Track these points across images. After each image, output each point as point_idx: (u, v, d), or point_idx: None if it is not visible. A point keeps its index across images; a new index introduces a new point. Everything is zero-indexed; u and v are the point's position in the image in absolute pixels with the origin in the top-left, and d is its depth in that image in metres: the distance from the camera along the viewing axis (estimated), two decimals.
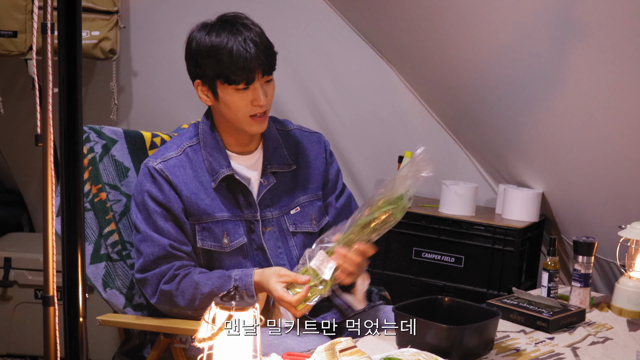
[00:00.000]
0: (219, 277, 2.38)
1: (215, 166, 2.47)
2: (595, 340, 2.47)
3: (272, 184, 2.53)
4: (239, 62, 2.33)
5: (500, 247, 3.70)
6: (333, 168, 2.71)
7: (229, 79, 2.36)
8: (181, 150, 2.49)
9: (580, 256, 2.74)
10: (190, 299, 2.38)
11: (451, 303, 2.37)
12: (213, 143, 2.49)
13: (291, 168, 2.58)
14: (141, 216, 2.44)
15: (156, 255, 2.41)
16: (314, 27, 4.14)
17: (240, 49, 2.33)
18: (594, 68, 2.90)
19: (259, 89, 2.38)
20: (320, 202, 2.64)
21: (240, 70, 2.34)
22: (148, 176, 2.45)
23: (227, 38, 2.36)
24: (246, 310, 1.78)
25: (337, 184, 2.72)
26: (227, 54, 2.34)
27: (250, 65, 2.34)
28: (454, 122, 4.10)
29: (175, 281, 2.39)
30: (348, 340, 2.07)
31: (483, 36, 3.26)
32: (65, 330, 1.73)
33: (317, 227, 2.61)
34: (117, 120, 4.19)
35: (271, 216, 2.53)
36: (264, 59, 2.36)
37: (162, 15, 4.17)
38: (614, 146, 3.13)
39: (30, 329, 3.94)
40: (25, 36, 3.70)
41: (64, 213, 1.71)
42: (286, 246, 2.54)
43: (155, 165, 2.45)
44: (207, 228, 2.45)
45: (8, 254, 3.96)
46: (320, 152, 2.66)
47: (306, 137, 2.67)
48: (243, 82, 2.36)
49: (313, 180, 2.62)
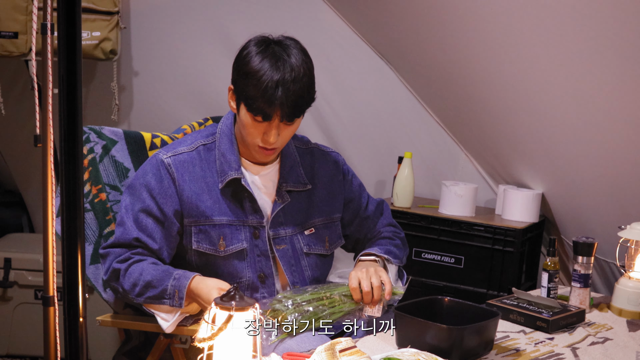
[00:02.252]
0: (162, 271, 2.38)
1: (225, 168, 2.47)
2: (595, 341, 2.47)
3: (287, 202, 2.54)
4: (263, 98, 2.32)
5: (500, 248, 3.70)
6: (354, 185, 2.75)
7: (250, 106, 2.36)
8: (194, 147, 2.50)
9: (580, 257, 2.74)
10: (133, 282, 2.38)
11: (451, 303, 2.37)
12: (228, 145, 2.50)
13: (306, 187, 2.59)
14: (129, 200, 2.46)
15: (121, 241, 2.43)
16: (313, 27, 4.14)
17: (269, 87, 2.31)
18: (594, 69, 2.90)
19: (274, 128, 2.38)
20: (335, 224, 2.66)
21: (261, 105, 2.33)
22: (154, 167, 2.45)
23: (266, 69, 2.33)
24: (246, 310, 1.79)
25: (362, 198, 2.76)
26: (257, 86, 2.32)
27: (271, 107, 2.33)
28: (454, 122, 4.10)
29: (127, 262, 2.41)
30: (348, 340, 2.07)
31: (482, 37, 3.26)
32: (65, 331, 1.74)
33: (330, 250, 2.64)
34: (118, 120, 4.20)
35: (284, 234, 2.54)
36: (287, 107, 2.33)
37: (163, 15, 4.17)
38: (614, 147, 3.13)
39: (30, 330, 3.94)
40: (26, 37, 3.70)
41: (64, 214, 1.72)
42: (298, 265, 2.54)
43: (165, 158, 2.45)
44: (204, 231, 2.45)
45: (8, 255, 3.96)
46: (336, 173, 2.69)
47: (323, 156, 2.70)
48: (259, 116, 2.35)
49: (328, 203, 2.65)
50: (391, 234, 2.76)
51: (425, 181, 4.23)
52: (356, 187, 2.75)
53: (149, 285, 2.35)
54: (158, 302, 2.37)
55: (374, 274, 2.41)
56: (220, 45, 4.17)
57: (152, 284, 2.35)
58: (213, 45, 4.19)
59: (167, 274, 2.36)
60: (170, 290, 2.33)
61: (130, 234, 2.42)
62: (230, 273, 2.46)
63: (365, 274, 2.41)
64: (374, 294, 2.38)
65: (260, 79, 2.31)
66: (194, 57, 4.25)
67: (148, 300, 2.38)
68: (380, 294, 2.38)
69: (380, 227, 2.76)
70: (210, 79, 4.24)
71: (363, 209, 2.75)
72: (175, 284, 2.33)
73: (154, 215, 2.43)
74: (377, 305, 2.39)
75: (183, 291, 2.32)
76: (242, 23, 4.14)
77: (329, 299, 2.35)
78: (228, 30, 4.16)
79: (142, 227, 2.42)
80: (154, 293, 2.36)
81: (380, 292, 2.38)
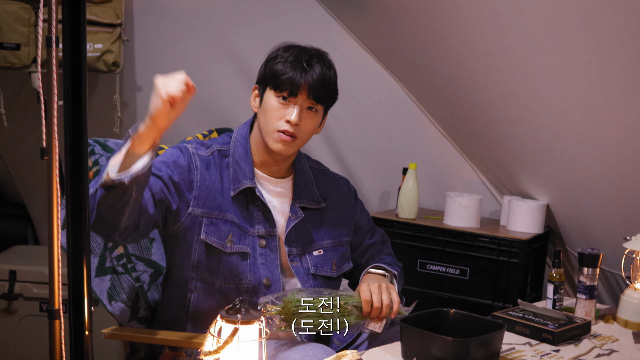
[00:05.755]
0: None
1: (240, 176, 2.48)
2: (601, 353, 2.46)
3: (301, 218, 2.55)
4: (293, 70, 2.41)
5: (505, 259, 3.70)
6: (364, 212, 2.78)
7: (275, 83, 2.42)
8: (210, 152, 2.51)
9: (585, 268, 2.74)
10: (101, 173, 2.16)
11: (456, 315, 2.37)
12: (243, 154, 2.51)
13: (320, 205, 2.61)
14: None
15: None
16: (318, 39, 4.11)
17: (299, 61, 2.42)
18: (599, 79, 2.90)
19: (297, 108, 2.43)
20: (344, 248, 2.68)
21: (290, 77, 2.41)
22: (178, 152, 2.45)
23: (295, 52, 2.45)
24: (252, 323, 1.79)
25: (369, 225, 2.80)
26: (287, 60, 2.43)
27: (299, 78, 2.41)
28: (459, 133, 4.10)
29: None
30: (354, 353, 2.07)
31: (488, 49, 3.26)
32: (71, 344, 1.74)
33: (337, 273, 2.65)
34: (121, 133, 4.19)
35: (296, 252, 2.55)
36: (315, 83, 2.43)
37: (166, 27, 4.18)
38: (619, 157, 3.13)
39: (35, 342, 3.93)
40: (29, 49, 3.70)
41: (69, 226, 1.72)
42: (306, 285, 2.55)
43: (190, 148, 2.48)
44: (215, 223, 2.44)
45: (13, 267, 3.96)
46: (349, 197, 2.74)
47: (336, 180, 2.74)
48: (286, 91, 2.41)
49: (338, 226, 2.66)
50: (391, 260, 2.78)
51: (429, 192, 4.23)
52: (365, 215, 2.79)
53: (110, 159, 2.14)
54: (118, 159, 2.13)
55: (386, 290, 2.42)
56: (224, 56, 4.18)
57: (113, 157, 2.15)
58: (217, 57, 4.20)
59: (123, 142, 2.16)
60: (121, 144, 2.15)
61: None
62: (231, 271, 2.45)
63: (377, 289, 2.41)
64: (382, 309, 2.38)
65: (290, 56, 2.44)
66: (197, 69, 4.25)
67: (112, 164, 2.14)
68: (388, 312, 2.39)
69: (382, 255, 2.79)
70: (214, 90, 4.24)
71: (369, 237, 2.77)
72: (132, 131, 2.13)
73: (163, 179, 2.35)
74: (381, 321, 2.39)
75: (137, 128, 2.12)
76: (246, 35, 4.15)
77: (342, 307, 2.34)
78: (232, 42, 4.17)
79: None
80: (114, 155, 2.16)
81: (389, 310, 2.39)
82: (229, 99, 4.26)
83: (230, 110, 4.24)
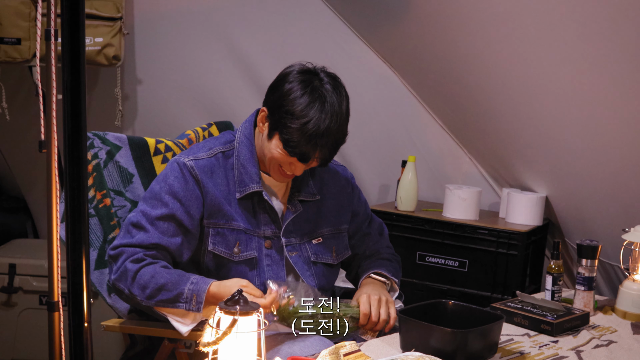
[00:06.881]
0: (177, 275, 2.35)
1: (246, 179, 2.48)
2: (600, 344, 2.47)
3: (300, 211, 2.55)
4: (308, 144, 2.35)
5: (504, 251, 3.70)
6: (361, 200, 2.78)
7: (289, 147, 2.37)
8: (212, 153, 2.50)
9: (584, 259, 2.74)
10: (144, 285, 2.34)
11: (455, 307, 2.37)
12: (248, 156, 2.50)
13: (315, 198, 2.61)
14: (148, 206, 2.43)
15: (141, 244, 2.39)
16: (317, 32, 4.14)
17: (315, 135, 2.33)
18: (598, 72, 2.90)
19: (304, 167, 2.44)
20: (342, 235, 2.69)
21: (303, 149, 2.36)
22: (176, 171, 2.44)
23: (312, 114, 2.34)
24: (250, 314, 1.79)
25: (366, 214, 2.80)
26: (302, 131, 2.33)
27: (312, 153, 2.37)
28: (458, 126, 4.10)
29: (140, 264, 2.36)
30: (352, 344, 2.07)
31: (486, 40, 3.26)
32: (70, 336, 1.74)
33: (337, 260, 2.65)
34: (122, 126, 4.20)
35: (295, 242, 2.55)
36: (328, 154, 2.40)
37: (166, 21, 4.18)
38: (618, 149, 3.13)
39: (35, 335, 3.94)
40: (29, 43, 3.71)
41: (68, 219, 1.72)
42: (307, 273, 2.55)
43: (187, 161, 2.45)
44: (221, 233, 2.45)
45: (13, 260, 3.96)
46: (345, 185, 2.73)
47: (332, 169, 2.72)
48: (296, 157, 2.38)
49: (336, 214, 2.67)
50: (390, 256, 2.77)
51: (429, 185, 4.23)
52: (362, 203, 2.79)
53: (162, 288, 2.32)
54: (171, 306, 2.34)
55: (384, 305, 2.43)
56: (223, 50, 4.18)
57: (166, 287, 2.32)
58: (216, 51, 4.20)
59: (183, 278, 2.34)
60: (187, 294, 2.31)
61: (151, 239, 2.38)
62: (240, 278, 2.45)
63: (377, 303, 2.42)
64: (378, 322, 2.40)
65: (306, 125, 2.33)
66: (198, 63, 4.25)
67: (160, 304, 2.35)
68: (382, 327, 2.41)
69: (380, 247, 2.78)
70: (213, 84, 4.24)
71: (366, 225, 2.77)
72: (194, 288, 2.32)
73: (177, 220, 2.41)
74: (374, 332, 2.42)
75: (202, 295, 2.30)
76: (245, 29, 4.14)
77: (339, 318, 2.34)
78: (231, 35, 4.16)
79: (164, 232, 2.40)
80: (167, 296, 2.33)
81: (384, 325, 2.41)
82: (229, 92, 4.26)
83: (229, 103, 4.24)
